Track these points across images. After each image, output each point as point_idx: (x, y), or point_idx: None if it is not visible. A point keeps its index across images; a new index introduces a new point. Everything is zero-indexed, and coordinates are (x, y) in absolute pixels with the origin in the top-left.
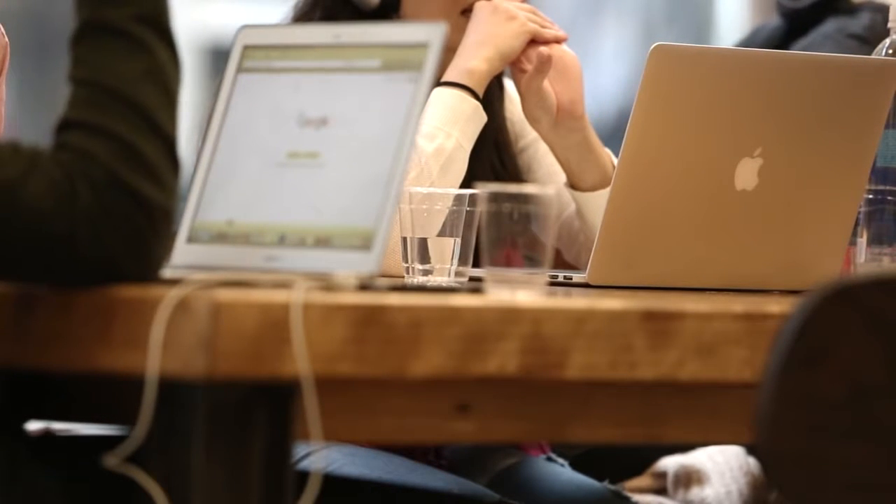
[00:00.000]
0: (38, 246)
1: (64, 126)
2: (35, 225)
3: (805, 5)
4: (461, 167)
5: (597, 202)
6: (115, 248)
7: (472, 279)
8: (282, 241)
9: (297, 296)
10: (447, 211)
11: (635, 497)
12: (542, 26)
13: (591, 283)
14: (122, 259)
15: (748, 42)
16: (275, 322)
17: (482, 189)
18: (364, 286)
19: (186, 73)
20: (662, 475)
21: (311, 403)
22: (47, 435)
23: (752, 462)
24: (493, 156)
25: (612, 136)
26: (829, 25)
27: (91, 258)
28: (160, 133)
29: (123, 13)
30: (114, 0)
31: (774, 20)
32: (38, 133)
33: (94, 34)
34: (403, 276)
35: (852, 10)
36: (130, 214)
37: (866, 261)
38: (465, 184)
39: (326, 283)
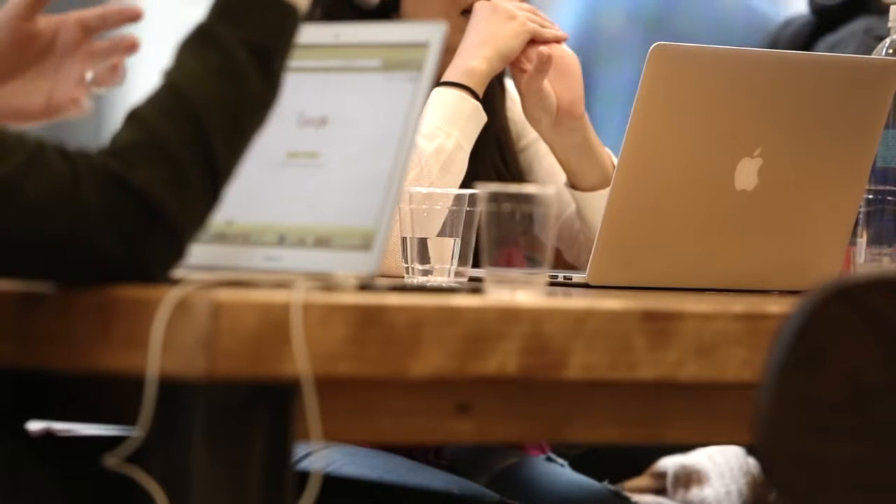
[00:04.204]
0: (36, 243)
1: (130, 115)
2: (34, 221)
3: (836, 2)
4: (461, 167)
5: (597, 202)
6: (110, 249)
7: (472, 279)
8: (282, 241)
9: (297, 296)
10: (447, 211)
11: (635, 497)
12: (542, 26)
13: (591, 283)
14: (119, 261)
15: (776, 35)
16: (275, 322)
17: (482, 189)
18: (364, 286)
19: None
20: (662, 475)
21: (311, 403)
22: (48, 435)
23: (751, 462)
24: (495, 156)
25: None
26: (859, 24)
27: (90, 255)
28: (211, 161)
29: (236, 34)
30: (232, 18)
31: (805, 15)
32: (37, 132)
33: (200, 44)
34: (403, 276)
35: (883, 11)
36: (134, 217)
37: (866, 261)
38: (468, 184)
39: (326, 283)
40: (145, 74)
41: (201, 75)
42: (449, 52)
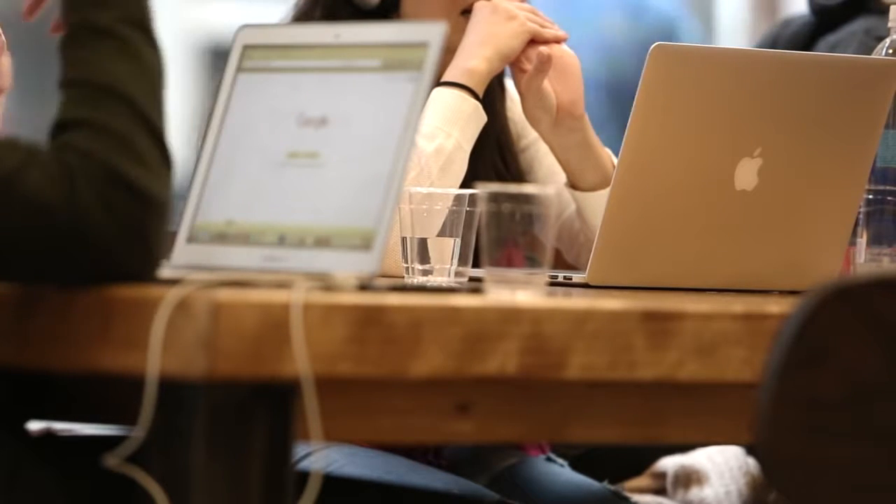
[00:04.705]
0: (38, 240)
1: (61, 126)
2: (35, 218)
3: (836, 3)
4: (461, 167)
5: (597, 202)
6: (115, 241)
7: (472, 279)
8: (282, 241)
9: (297, 296)
10: (447, 211)
11: (635, 497)
12: (542, 26)
13: (591, 283)
14: (123, 252)
15: (776, 35)
16: (275, 322)
17: (482, 189)
18: (364, 286)
19: (186, 73)
20: (662, 475)
21: (311, 403)
22: (48, 435)
23: (751, 462)
24: (495, 156)
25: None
26: (859, 24)
27: (92, 251)
28: (152, 128)
29: (111, 16)
30: (101, 3)
31: (805, 15)
32: (37, 131)
33: (84, 36)
34: (403, 276)
35: (883, 11)
36: (130, 208)
37: (866, 261)
38: (468, 184)
39: (326, 283)
40: None
41: (107, 63)
42: (449, 52)
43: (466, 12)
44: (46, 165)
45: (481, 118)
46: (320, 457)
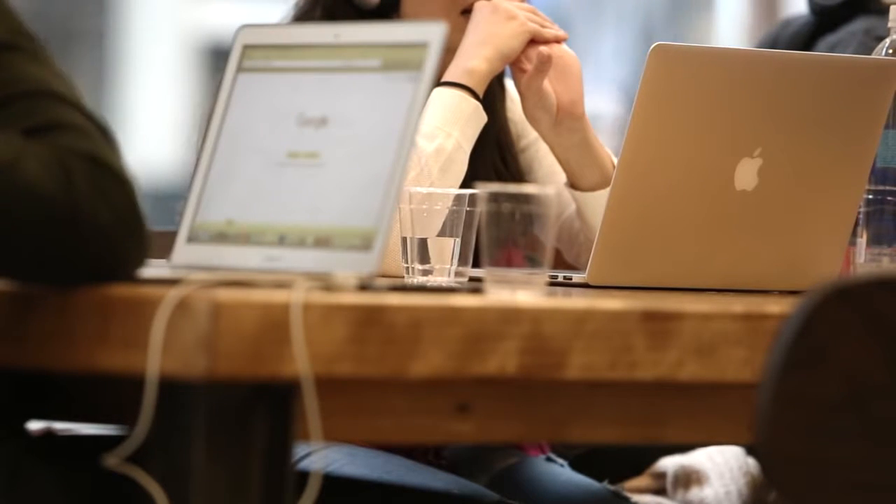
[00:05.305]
0: (37, 231)
1: (31, 130)
2: (35, 209)
3: (836, 3)
4: (461, 167)
5: (597, 202)
6: (113, 230)
7: (472, 279)
8: (282, 241)
9: (297, 296)
10: (447, 211)
11: (635, 497)
12: (542, 26)
13: (591, 283)
14: (122, 240)
15: (776, 35)
16: (275, 322)
17: (482, 189)
18: (364, 286)
19: (187, 73)
20: (662, 475)
21: (311, 403)
22: (48, 435)
23: (751, 462)
24: (495, 156)
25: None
26: (859, 24)
27: (91, 241)
28: (91, 118)
29: (7, 27)
30: None
31: (805, 15)
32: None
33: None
34: (403, 276)
35: (883, 11)
36: (120, 194)
37: (866, 261)
38: (468, 184)
39: (326, 283)
40: (150, 73)
41: (27, 71)
42: (449, 52)
43: (466, 12)
44: (42, 157)
45: (481, 118)
46: (320, 457)
